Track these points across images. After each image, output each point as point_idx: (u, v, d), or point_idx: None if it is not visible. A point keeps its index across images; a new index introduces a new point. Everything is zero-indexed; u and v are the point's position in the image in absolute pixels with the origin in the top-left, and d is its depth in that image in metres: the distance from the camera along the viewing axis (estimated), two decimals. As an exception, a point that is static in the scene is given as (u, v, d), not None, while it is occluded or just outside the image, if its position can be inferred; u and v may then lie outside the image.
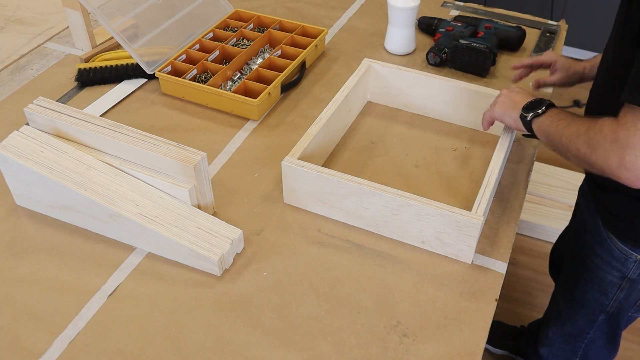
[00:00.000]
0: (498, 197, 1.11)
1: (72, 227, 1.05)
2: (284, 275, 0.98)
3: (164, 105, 1.33)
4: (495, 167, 1.03)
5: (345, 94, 1.19)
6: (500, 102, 1.08)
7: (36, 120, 1.06)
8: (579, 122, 0.91)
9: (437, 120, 1.29)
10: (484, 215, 0.96)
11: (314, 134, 1.10)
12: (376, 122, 1.29)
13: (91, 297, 0.94)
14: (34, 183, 1.02)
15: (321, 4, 1.71)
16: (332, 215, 1.06)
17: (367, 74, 1.27)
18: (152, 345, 0.88)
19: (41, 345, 0.88)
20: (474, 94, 1.22)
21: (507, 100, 1.07)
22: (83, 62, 1.42)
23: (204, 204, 1.04)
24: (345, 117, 1.24)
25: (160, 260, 1.00)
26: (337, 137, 1.22)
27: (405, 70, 1.26)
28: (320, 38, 1.46)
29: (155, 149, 0.99)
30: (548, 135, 0.97)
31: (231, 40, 1.46)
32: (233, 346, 0.88)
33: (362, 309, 0.93)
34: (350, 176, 1.01)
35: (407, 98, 1.30)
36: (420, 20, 1.55)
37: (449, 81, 1.24)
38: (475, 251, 1.00)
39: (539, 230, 2.16)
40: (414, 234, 1.01)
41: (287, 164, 1.03)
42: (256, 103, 1.25)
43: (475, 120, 1.24)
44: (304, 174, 1.03)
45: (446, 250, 1.00)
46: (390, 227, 1.02)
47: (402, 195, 0.97)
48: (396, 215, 0.99)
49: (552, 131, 0.95)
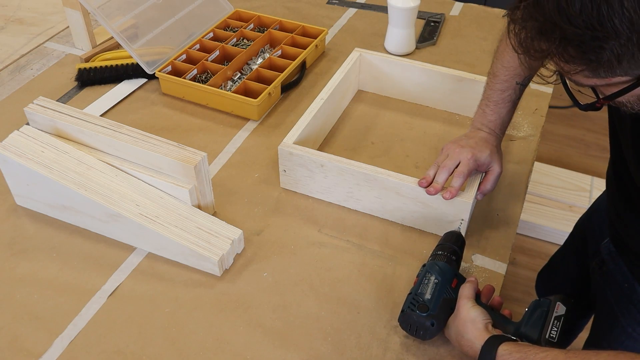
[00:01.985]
0: (498, 197, 1.11)
1: (72, 227, 1.05)
2: (284, 275, 0.98)
3: (164, 105, 1.33)
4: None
5: (336, 83, 1.22)
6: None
7: (36, 120, 1.06)
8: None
9: (428, 107, 1.33)
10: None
11: (309, 119, 1.13)
12: (367, 109, 1.32)
13: (91, 297, 0.94)
14: (34, 183, 1.02)
15: (321, 4, 1.71)
16: (329, 199, 1.10)
17: (358, 63, 1.32)
18: (152, 345, 0.88)
19: (41, 345, 0.88)
20: (458, 79, 1.27)
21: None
22: (83, 62, 1.42)
23: (204, 204, 1.04)
24: (337, 105, 1.27)
25: (160, 260, 1.00)
26: (329, 124, 1.26)
27: (396, 59, 1.31)
28: (321, 38, 1.46)
29: (156, 149, 0.99)
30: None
31: (231, 40, 1.46)
32: (233, 346, 0.88)
33: (362, 309, 0.93)
34: (339, 157, 1.05)
35: (398, 86, 1.33)
36: None
37: (437, 68, 1.28)
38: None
39: (539, 230, 2.16)
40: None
41: (284, 148, 1.07)
42: (256, 103, 1.25)
43: (462, 106, 1.30)
44: (300, 158, 1.06)
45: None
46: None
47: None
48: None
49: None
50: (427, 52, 1.50)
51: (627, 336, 1.07)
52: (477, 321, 0.82)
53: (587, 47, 0.62)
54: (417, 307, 0.84)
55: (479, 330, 0.81)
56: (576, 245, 1.32)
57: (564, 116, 2.81)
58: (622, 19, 0.59)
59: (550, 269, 1.46)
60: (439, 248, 0.93)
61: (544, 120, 1.29)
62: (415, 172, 1.16)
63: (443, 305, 0.86)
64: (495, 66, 1.08)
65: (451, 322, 0.86)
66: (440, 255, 0.91)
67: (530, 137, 1.26)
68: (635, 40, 0.60)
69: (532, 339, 0.82)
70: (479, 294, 0.88)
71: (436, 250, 0.93)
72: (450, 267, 0.89)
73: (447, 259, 0.90)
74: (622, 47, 0.61)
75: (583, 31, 0.61)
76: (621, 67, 0.63)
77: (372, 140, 1.24)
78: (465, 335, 0.82)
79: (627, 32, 0.60)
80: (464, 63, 1.46)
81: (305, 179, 1.09)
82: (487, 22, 1.63)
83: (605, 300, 1.11)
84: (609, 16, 0.59)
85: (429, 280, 0.87)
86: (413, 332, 0.85)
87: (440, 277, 0.87)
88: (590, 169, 2.44)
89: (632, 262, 1.02)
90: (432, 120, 1.30)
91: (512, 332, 0.83)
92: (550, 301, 0.86)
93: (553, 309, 0.85)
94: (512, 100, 1.07)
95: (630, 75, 0.65)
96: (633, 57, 0.62)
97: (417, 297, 0.85)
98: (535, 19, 0.65)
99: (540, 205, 2.20)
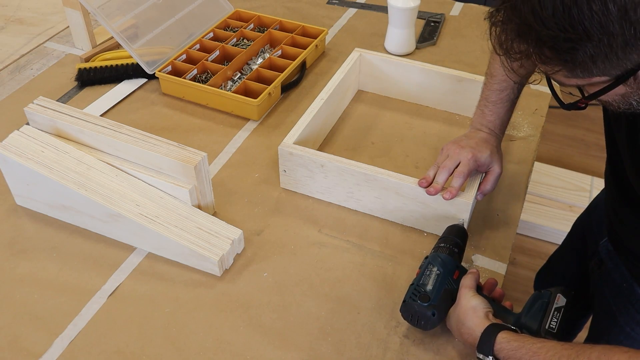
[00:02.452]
0: (498, 197, 1.11)
1: (72, 227, 1.05)
2: (284, 276, 0.98)
3: (164, 105, 1.33)
4: None
5: (336, 83, 1.23)
6: None
7: (36, 120, 1.05)
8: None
9: (428, 107, 1.33)
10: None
11: (309, 119, 1.13)
12: (367, 109, 1.32)
13: (91, 297, 0.94)
14: (34, 183, 1.02)
15: (321, 4, 1.71)
16: (329, 199, 1.10)
17: (358, 63, 1.32)
18: (152, 345, 0.88)
19: (41, 345, 0.88)
20: (458, 79, 1.27)
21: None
22: (83, 61, 1.42)
23: (204, 204, 1.04)
24: (337, 105, 1.28)
25: (160, 260, 1.00)
26: (329, 124, 1.26)
27: (396, 59, 1.31)
28: (321, 38, 1.46)
29: (156, 149, 0.99)
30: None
31: (231, 40, 1.46)
32: (233, 346, 0.88)
33: (362, 309, 0.93)
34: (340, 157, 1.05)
35: (398, 86, 1.34)
36: None
37: (437, 68, 1.28)
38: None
39: (539, 230, 2.16)
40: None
41: (283, 148, 1.07)
42: (256, 103, 1.25)
43: (462, 106, 1.30)
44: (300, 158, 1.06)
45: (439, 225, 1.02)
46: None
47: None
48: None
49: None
50: (427, 52, 1.50)
51: (626, 336, 1.07)
52: (477, 309, 0.83)
53: (561, 48, 0.64)
54: (418, 297, 0.85)
55: (479, 319, 0.82)
56: (575, 245, 1.32)
57: (564, 116, 2.81)
58: (592, 22, 0.61)
59: (549, 269, 1.46)
60: (442, 240, 0.94)
61: (544, 120, 1.29)
62: (415, 172, 1.16)
63: (444, 296, 0.87)
64: (492, 66, 1.08)
65: (452, 312, 0.87)
66: (443, 247, 0.92)
67: (530, 137, 1.26)
68: (607, 42, 0.62)
69: (532, 329, 0.83)
70: (481, 286, 0.89)
71: (439, 242, 0.94)
72: (452, 259, 0.90)
73: (449, 250, 0.91)
74: (594, 48, 0.62)
75: (556, 33, 0.63)
76: (597, 67, 0.65)
77: (372, 140, 1.24)
78: (465, 323, 0.83)
79: (597, 34, 0.61)
80: (464, 63, 1.46)
81: (305, 179, 1.09)
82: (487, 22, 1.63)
83: (603, 299, 1.11)
84: (579, 19, 0.61)
85: (430, 272, 0.88)
86: (414, 322, 0.86)
87: (442, 269, 0.88)
88: (590, 169, 2.44)
89: (631, 262, 1.02)
90: (432, 120, 1.30)
91: (512, 322, 0.84)
92: (550, 293, 0.87)
93: (553, 300, 0.86)
94: (511, 99, 1.07)
95: (609, 75, 0.67)
96: (607, 58, 0.63)
97: (419, 287, 0.86)
98: (513, 22, 0.67)
99: (540, 205, 2.20)
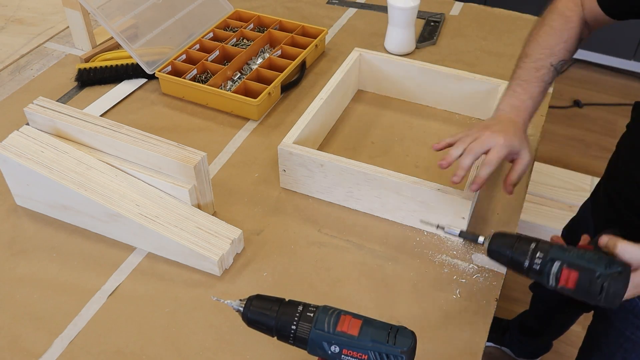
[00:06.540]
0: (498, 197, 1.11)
1: (72, 227, 1.05)
2: (284, 275, 0.98)
3: (164, 105, 1.33)
4: None
5: (336, 83, 1.23)
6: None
7: (36, 120, 1.06)
8: None
9: (428, 107, 1.33)
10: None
11: (309, 119, 1.13)
12: (367, 109, 1.32)
13: (91, 297, 0.94)
14: (34, 183, 1.02)
15: (321, 4, 1.71)
16: (329, 199, 1.10)
17: (358, 62, 1.32)
18: (152, 345, 0.88)
19: (41, 345, 0.88)
20: (458, 79, 1.27)
21: None
22: (83, 62, 1.42)
23: (204, 204, 1.04)
24: (337, 105, 1.28)
25: (160, 260, 1.00)
26: (329, 124, 1.26)
27: (396, 59, 1.31)
28: (321, 38, 1.46)
29: (155, 149, 0.99)
30: None
31: (231, 40, 1.46)
32: (233, 346, 0.88)
33: (362, 309, 0.93)
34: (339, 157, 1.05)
35: (398, 85, 1.34)
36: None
37: (437, 68, 1.28)
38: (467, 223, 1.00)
39: (539, 230, 2.16)
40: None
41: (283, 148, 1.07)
42: (256, 103, 1.25)
43: (462, 106, 1.30)
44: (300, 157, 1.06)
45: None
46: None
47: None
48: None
49: None
50: (427, 52, 1.50)
51: (626, 339, 1.07)
52: None
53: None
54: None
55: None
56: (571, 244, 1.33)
57: (564, 116, 2.81)
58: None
59: None
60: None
61: (544, 120, 1.29)
62: (415, 171, 1.16)
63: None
64: (529, 47, 1.00)
65: None
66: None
67: (530, 137, 1.25)
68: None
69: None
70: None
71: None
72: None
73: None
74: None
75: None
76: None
77: (372, 140, 1.24)
78: None
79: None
80: (464, 63, 1.46)
81: (305, 179, 1.09)
82: (487, 22, 1.63)
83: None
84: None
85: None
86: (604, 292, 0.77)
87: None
88: (590, 169, 2.44)
89: None
90: (432, 120, 1.30)
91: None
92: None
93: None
94: (545, 81, 0.98)
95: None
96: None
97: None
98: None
99: (540, 205, 2.20)
